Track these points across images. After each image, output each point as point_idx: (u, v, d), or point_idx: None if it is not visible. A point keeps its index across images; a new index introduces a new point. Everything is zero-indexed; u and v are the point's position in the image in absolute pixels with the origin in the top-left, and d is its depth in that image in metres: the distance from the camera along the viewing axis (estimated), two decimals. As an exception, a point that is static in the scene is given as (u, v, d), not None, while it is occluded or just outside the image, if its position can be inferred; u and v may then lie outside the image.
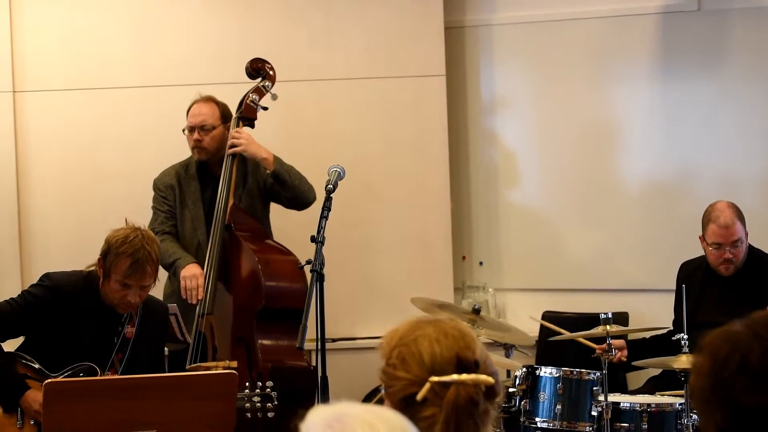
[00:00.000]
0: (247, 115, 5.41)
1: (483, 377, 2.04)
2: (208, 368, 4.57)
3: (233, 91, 5.52)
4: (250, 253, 5.12)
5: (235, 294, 5.17)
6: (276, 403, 4.35)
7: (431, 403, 2.03)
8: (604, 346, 4.84)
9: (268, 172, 5.28)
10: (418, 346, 2.08)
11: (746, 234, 5.18)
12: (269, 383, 4.38)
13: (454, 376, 2.03)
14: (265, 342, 4.99)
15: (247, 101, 5.41)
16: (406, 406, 2.02)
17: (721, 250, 5.14)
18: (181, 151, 5.48)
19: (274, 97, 5.42)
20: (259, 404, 4.36)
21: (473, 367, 2.06)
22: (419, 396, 2.02)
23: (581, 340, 5.14)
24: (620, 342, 5.21)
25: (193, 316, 5.10)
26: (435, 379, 2.03)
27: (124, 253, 4.18)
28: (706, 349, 2.00)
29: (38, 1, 6.04)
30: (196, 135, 5.35)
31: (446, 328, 2.10)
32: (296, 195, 5.35)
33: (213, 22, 6.12)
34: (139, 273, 4.19)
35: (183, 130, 5.41)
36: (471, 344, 2.09)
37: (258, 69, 5.48)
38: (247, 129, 5.41)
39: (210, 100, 5.43)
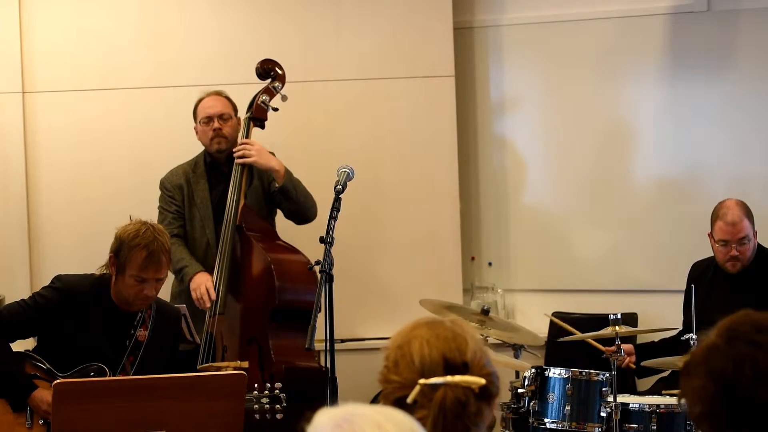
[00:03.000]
0: (258, 115, 5.41)
1: (471, 378, 2.04)
2: (219, 368, 4.57)
3: (243, 92, 5.52)
4: (261, 253, 5.12)
5: (246, 294, 5.17)
6: (284, 404, 4.34)
7: (421, 406, 2.03)
8: (614, 347, 4.84)
9: (277, 185, 5.27)
10: (410, 348, 2.09)
11: (755, 233, 5.18)
12: (278, 385, 4.38)
13: (446, 378, 2.03)
14: (278, 342, 4.98)
15: (258, 102, 5.40)
16: (399, 408, 2.02)
17: (728, 247, 5.15)
18: (190, 150, 5.49)
19: (284, 98, 5.42)
20: (267, 406, 4.35)
21: (461, 368, 2.06)
22: (410, 398, 2.03)
23: (590, 341, 5.14)
24: (628, 347, 5.20)
25: (203, 316, 5.11)
26: (423, 381, 2.04)
27: (138, 246, 4.18)
28: (704, 373, 1.99)
29: (47, 2, 6.05)
30: (216, 124, 5.32)
31: (439, 330, 2.10)
32: (298, 211, 5.35)
33: (223, 23, 6.12)
34: (155, 265, 4.19)
35: (195, 127, 5.39)
36: (461, 346, 2.09)
37: (268, 70, 5.48)
38: (257, 130, 5.41)
39: (219, 93, 5.44)
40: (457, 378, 2.03)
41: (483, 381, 2.05)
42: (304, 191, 5.34)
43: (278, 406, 4.35)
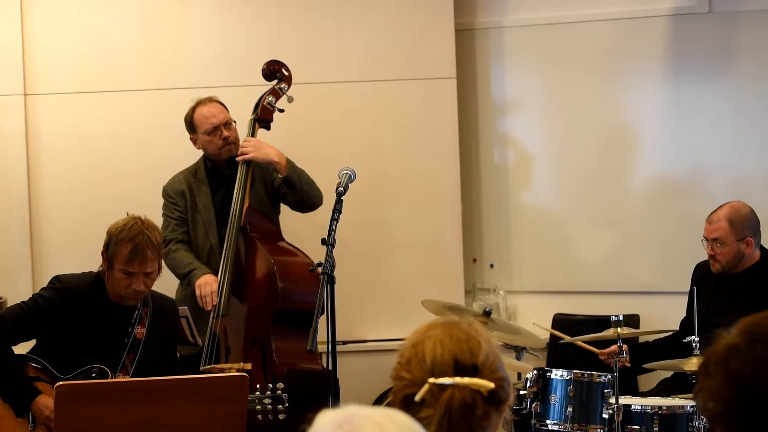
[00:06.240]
0: (264, 117, 5.41)
1: (480, 381, 2.04)
2: (222, 370, 4.57)
3: (244, 94, 5.53)
4: (265, 254, 5.11)
5: (250, 295, 5.17)
6: (287, 404, 4.34)
7: (428, 405, 2.03)
8: (613, 348, 4.84)
9: (281, 176, 5.28)
10: (424, 347, 2.09)
11: (742, 239, 5.11)
12: (280, 385, 4.38)
13: (455, 379, 2.04)
14: (281, 344, 4.98)
15: (264, 103, 5.40)
16: (406, 405, 2.03)
17: (708, 244, 5.15)
18: (192, 152, 5.49)
19: (290, 99, 5.42)
20: (270, 406, 4.36)
21: (471, 370, 2.06)
22: (418, 397, 2.03)
23: (585, 345, 5.13)
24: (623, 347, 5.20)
25: (206, 318, 5.11)
26: (432, 380, 2.04)
27: (124, 240, 4.20)
28: (722, 373, 1.99)
29: (49, 4, 6.06)
30: (224, 133, 5.33)
31: (453, 331, 2.11)
32: (303, 199, 5.35)
33: (225, 25, 6.13)
34: (140, 258, 4.20)
35: (194, 138, 5.39)
36: (474, 348, 2.09)
37: (274, 71, 5.48)
38: (262, 131, 5.41)
39: (213, 99, 5.43)
40: (466, 380, 2.03)
41: (492, 385, 2.04)
42: (308, 179, 5.35)
43: (280, 406, 4.35)
